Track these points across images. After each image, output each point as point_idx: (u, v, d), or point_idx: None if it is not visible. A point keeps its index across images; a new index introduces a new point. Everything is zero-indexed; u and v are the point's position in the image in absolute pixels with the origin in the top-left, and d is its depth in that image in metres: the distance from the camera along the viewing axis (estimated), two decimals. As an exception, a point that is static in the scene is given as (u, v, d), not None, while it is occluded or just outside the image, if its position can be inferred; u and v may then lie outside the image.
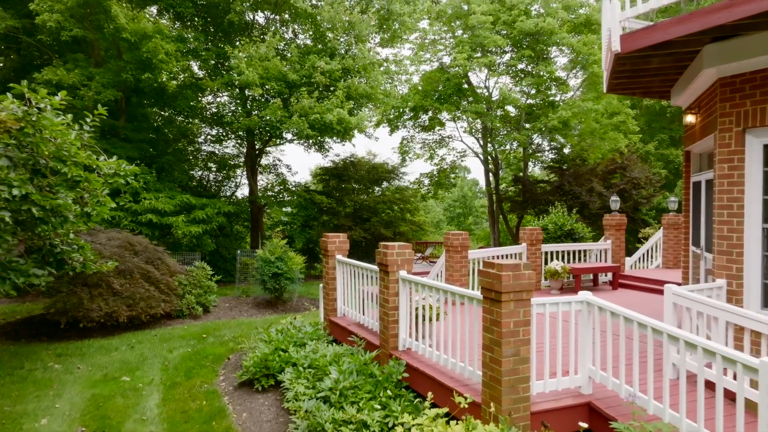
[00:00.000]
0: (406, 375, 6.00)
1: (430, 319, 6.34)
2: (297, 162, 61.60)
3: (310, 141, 20.48)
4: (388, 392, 5.79)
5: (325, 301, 9.00)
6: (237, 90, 18.23)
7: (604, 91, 8.51)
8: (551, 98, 23.22)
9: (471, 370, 5.35)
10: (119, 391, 7.22)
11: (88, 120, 7.66)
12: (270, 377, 7.23)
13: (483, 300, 4.84)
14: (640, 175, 21.50)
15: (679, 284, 10.33)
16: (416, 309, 6.47)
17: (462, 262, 9.75)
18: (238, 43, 16.23)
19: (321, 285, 9.37)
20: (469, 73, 23.16)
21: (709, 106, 6.36)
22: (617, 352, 5.86)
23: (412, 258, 6.75)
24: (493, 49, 21.94)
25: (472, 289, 10.12)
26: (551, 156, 25.21)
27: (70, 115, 7.59)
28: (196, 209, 16.24)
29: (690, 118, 7.08)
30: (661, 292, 10.85)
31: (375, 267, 7.18)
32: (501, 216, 25.81)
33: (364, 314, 7.89)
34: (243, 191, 23.05)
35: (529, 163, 26.02)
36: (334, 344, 7.76)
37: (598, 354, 5.08)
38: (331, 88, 16.86)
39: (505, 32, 21.08)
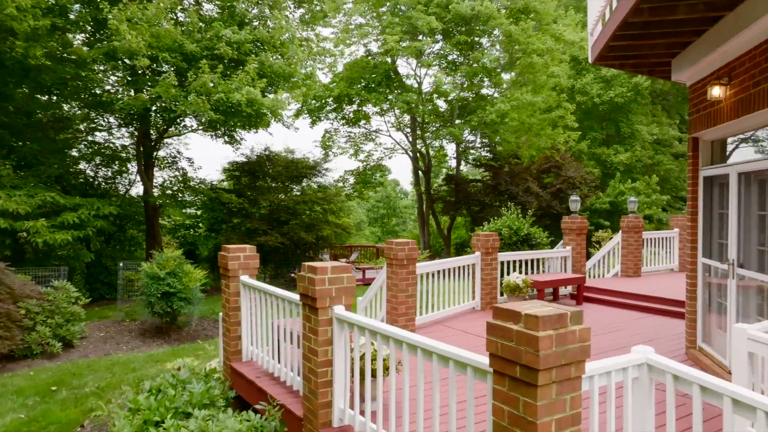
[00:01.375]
0: (347, 479, 3.74)
1: (385, 371, 4.10)
2: (204, 156, 55.11)
3: (218, 131, 17.51)
4: None
5: (225, 340, 6.49)
6: (125, 63, 14.93)
7: (590, 61, 6.73)
8: (482, 91, 21.85)
9: (461, 483, 3.18)
10: None
11: None
12: (132, 473, 4.67)
13: (496, 377, 2.69)
14: (575, 174, 20.63)
15: (668, 300, 8.87)
16: (361, 357, 4.24)
17: (408, 279, 7.59)
18: (121, 4, 13.04)
19: (221, 314, 6.86)
20: (398, 62, 21.24)
21: (759, 71, 4.66)
22: None
23: (353, 285, 4.49)
24: (424, 37, 20.11)
25: (420, 312, 8.01)
26: (484, 153, 23.89)
27: None
28: (66, 211, 12.88)
29: (716, 91, 5.37)
30: (632, 307, 9.30)
31: (296, 297, 4.86)
32: (432, 217, 24.12)
33: (279, 361, 5.52)
34: (138, 189, 19.56)
35: (461, 162, 24.57)
36: (234, 412, 5.29)
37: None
38: (241, 66, 14.10)
39: (437, 15, 19.29)
